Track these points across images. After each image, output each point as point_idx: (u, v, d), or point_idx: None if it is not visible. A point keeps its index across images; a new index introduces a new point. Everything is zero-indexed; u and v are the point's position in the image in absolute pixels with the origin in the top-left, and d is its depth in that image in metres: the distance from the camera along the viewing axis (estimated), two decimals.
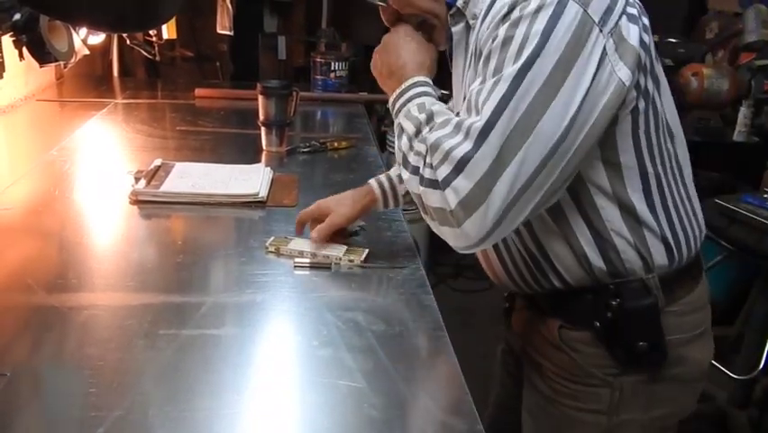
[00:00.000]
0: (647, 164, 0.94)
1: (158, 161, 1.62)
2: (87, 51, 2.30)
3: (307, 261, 1.18)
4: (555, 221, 0.96)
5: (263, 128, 1.85)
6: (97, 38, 2.43)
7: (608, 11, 0.84)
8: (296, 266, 1.18)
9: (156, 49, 2.64)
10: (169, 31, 2.59)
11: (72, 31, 2.10)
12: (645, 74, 0.89)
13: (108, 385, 0.84)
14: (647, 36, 0.88)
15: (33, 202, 1.48)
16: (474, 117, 0.85)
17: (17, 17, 1.76)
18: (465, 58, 1.01)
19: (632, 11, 0.87)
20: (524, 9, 0.84)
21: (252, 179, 1.54)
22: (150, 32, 2.52)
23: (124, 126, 2.08)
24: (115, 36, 2.66)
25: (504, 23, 0.86)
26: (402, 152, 0.95)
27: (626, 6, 0.86)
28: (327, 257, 1.20)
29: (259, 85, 1.83)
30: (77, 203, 1.48)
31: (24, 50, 1.86)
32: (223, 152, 1.85)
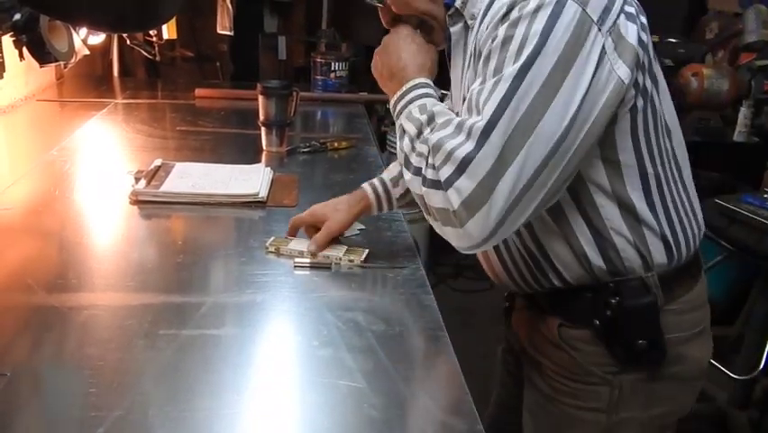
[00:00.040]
0: (646, 163, 0.94)
1: (158, 161, 1.62)
2: (87, 51, 2.30)
3: (307, 261, 1.18)
4: (555, 220, 0.96)
5: (263, 128, 1.85)
6: (97, 38, 2.43)
7: (606, 10, 0.84)
8: (296, 266, 1.18)
9: (156, 49, 2.64)
10: (169, 31, 2.59)
11: (72, 31, 2.10)
12: (644, 72, 0.89)
13: (108, 385, 0.84)
14: (645, 35, 0.88)
15: (33, 202, 1.48)
16: (475, 117, 0.85)
17: (17, 17, 1.76)
18: (464, 58, 1.01)
19: (630, 9, 0.87)
20: (523, 9, 0.84)
21: (252, 180, 1.54)
22: (151, 32, 2.52)
23: (124, 126, 2.08)
24: (115, 36, 2.66)
25: (503, 23, 0.86)
26: (404, 154, 0.95)
27: (623, 5, 0.86)
28: (327, 257, 1.19)
29: (259, 85, 1.83)
30: (77, 203, 1.48)
31: (24, 50, 1.87)
32: (223, 152, 1.85)
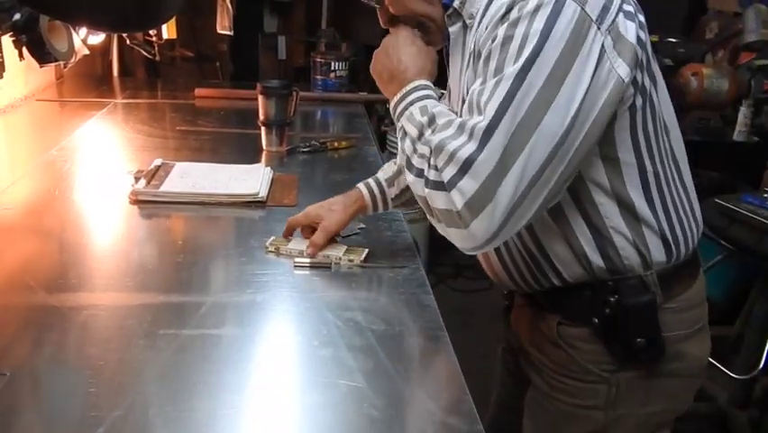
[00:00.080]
0: (645, 161, 0.94)
1: (158, 161, 1.62)
2: (87, 51, 2.30)
3: (307, 261, 1.18)
4: (555, 220, 0.97)
5: (263, 128, 1.85)
6: (97, 38, 2.43)
7: (604, 8, 0.84)
8: (296, 266, 1.18)
9: (156, 49, 2.64)
10: (169, 31, 2.59)
11: (72, 31, 2.10)
12: (642, 71, 0.90)
13: (108, 385, 0.84)
14: (643, 33, 0.88)
15: (33, 202, 1.48)
16: (477, 118, 0.85)
17: (17, 17, 1.77)
18: (462, 57, 1.01)
19: (628, 8, 0.87)
20: (522, 9, 0.84)
21: (252, 179, 1.54)
22: (150, 32, 2.52)
23: (124, 126, 2.08)
24: (115, 36, 2.66)
25: (503, 22, 0.86)
26: (406, 155, 0.95)
27: (622, 3, 0.86)
28: (327, 257, 1.20)
29: (259, 85, 1.83)
30: (77, 203, 1.48)
31: (24, 50, 1.87)
32: (223, 152, 1.85)
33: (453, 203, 0.85)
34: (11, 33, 1.80)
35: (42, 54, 1.90)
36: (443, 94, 1.05)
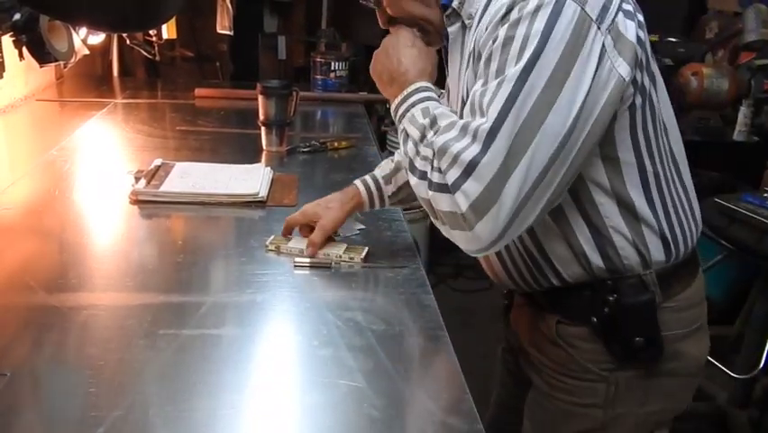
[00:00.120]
0: (645, 160, 0.94)
1: (158, 161, 1.62)
2: (87, 51, 2.30)
3: (307, 261, 1.19)
4: (554, 220, 0.97)
5: (263, 128, 1.85)
6: (97, 38, 2.43)
7: (604, 8, 0.84)
8: (296, 266, 1.18)
9: (156, 49, 2.64)
10: (169, 31, 2.59)
11: (72, 31, 2.10)
12: (642, 70, 0.90)
13: (108, 385, 0.84)
14: (643, 32, 0.89)
15: (33, 202, 1.48)
16: (480, 119, 0.85)
17: (17, 17, 1.77)
18: (461, 57, 1.01)
19: (627, 7, 0.87)
20: (522, 9, 0.84)
21: (252, 179, 1.54)
22: (150, 32, 2.53)
23: (124, 126, 2.08)
24: (115, 36, 2.66)
25: (503, 23, 0.86)
26: (408, 158, 0.95)
27: (621, 3, 0.86)
28: (327, 255, 1.20)
29: (259, 85, 1.83)
30: (77, 203, 1.48)
31: (24, 50, 1.87)
32: (223, 152, 1.85)
33: (458, 205, 0.85)
34: (11, 33, 1.80)
35: (42, 54, 1.91)
36: (441, 93, 1.05)
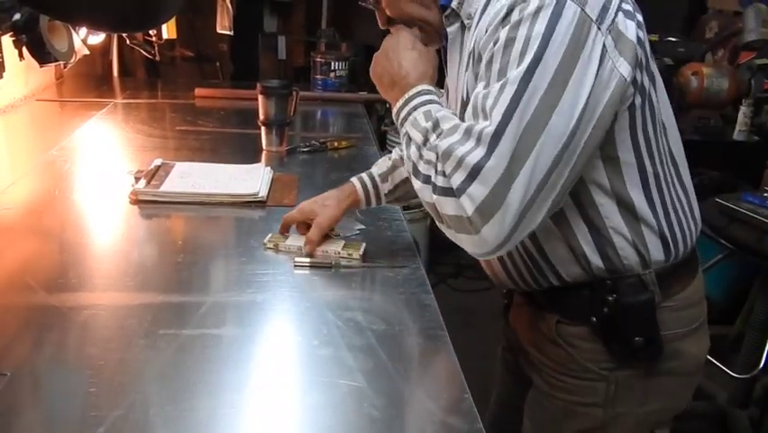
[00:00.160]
0: (645, 160, 0.94)
1: (158, 161, 1.62)
2: (87, 51, 2.30)
3: (307, 260, 1.19)
4: (555, 222, 0.96)
5: (263, 128, 1.85)
6: (97, 38, 2.43)
7: (603, 9, 0.84)
8: (296, 266, 1.18)
9: (156, 49, 2.64)
10: (168, 31, 2.59)
11: (72, 31, 2.10)
12: (641, 70, 0.90)
13: (108, 385, 0.84)
14: (642, 33, 0.89)
15: (33, 202, 1.48)
16: (484, 122, 0.84)
17: (17, 17, 1.77)
18: (461, 57, 1.01)
19: (627, 7, 0.87)
20: (523, 11, 0.84)
21: (252, 179, 1.54)
22: (150, 32, 2.53)
23: (124, 126, 2.08)
24: (115, 36, 2.66)
25: (504, 25, 0.86)
26: (412, 162, 0.94)
27: (621, 3, 0.86)
28: (325, 252, 1.20)
29: (259, 85, 1.83)
30: (77, 203, 1.49)
31: (24, 50, 1.87)
32: (223, 152, 1.85)
33: (464, 209, 0.85)
34: (11, 33, 1.81)
35: (42, 54, 1.91)
36: (441, 93, 1.05)
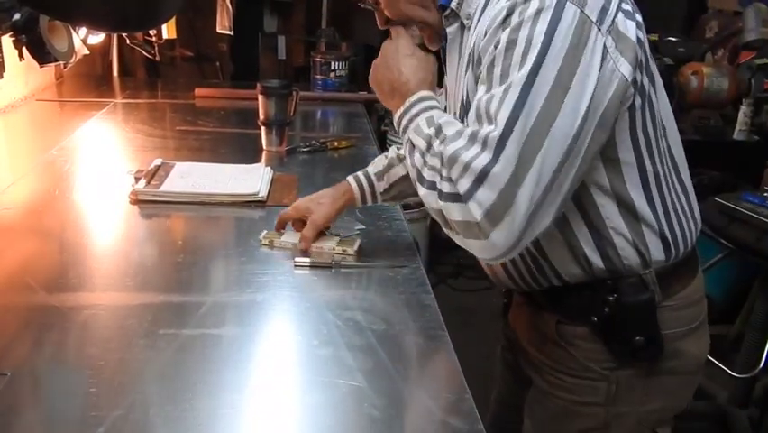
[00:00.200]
0: (645, 160, 0.94)
1: (158, 161, 1.62)
2: (87, 51, 2.30)
3: (307, 260, 1.19)
4: (555, 223, 0.96)
5: (263, 128, 1.85)
6: (97, 38, 2.43)
7: (603, 9, 0.84)
8: (296, 266, 1.18)
9: (156, 49, 2.64)
10: (168, 31, 2.59)
11: (72, 31, 2.10)
12: (641, 71, 0.89)
13: (108, 385, 0.84)
14: (642, 33, 0.88)
15: (33, 202, 1.48)
16: (488, 127, 0.84)
17: (17, 17, 1.77)
18: (460, 57, 1.01)
19: (626, 7, 0.87)
20: (523, 13, 0.84)
21: (252, 179, 1.54)
22: (150, 31, 2.53)
23: (124, 126, 2.08)
24: (115, 36, 2.66)
25: (504, 27, 0.85)
26: (416, 168, 0.94)
27: (620, 3, 0.86)
28: (321, 248, 1.20)
29: (259, 85, 1.83)
30: (77, 203, 1.48)
31: (24, 50, 1.87)
32: (223, 152, 1.85)
33: (472, 214, 0.84)
34: (11, 33, 1.80)
35: (42, 54, 1.91)
36: (441, 93, 1.05)
